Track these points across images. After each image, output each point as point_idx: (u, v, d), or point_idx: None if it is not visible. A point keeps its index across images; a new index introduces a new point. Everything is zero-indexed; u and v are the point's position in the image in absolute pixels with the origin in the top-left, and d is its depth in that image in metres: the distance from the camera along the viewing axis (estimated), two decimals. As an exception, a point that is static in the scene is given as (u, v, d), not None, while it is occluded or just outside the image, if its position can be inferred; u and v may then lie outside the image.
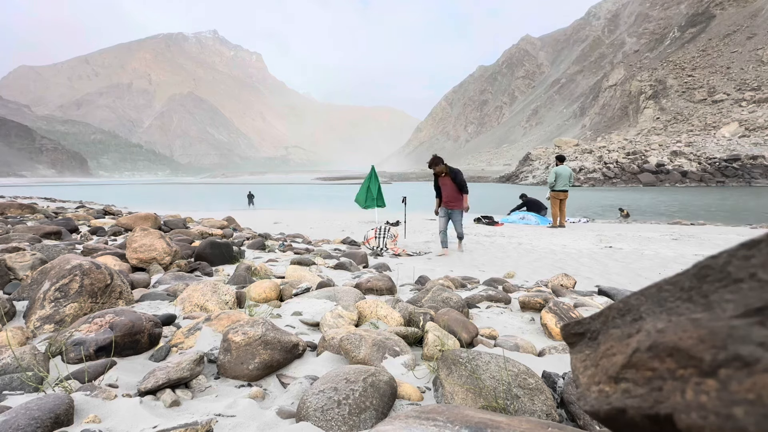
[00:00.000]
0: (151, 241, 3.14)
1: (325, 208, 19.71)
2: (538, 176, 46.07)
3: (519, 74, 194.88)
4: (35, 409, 1.01)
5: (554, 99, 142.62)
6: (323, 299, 2.34)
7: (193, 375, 1.32)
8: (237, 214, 10.81)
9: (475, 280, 3.76)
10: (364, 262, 4.59)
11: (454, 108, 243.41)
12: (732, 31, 77.99)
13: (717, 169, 37.73)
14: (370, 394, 1.15)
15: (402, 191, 19.29)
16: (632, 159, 41.88)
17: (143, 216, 5.53)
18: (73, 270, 1.88)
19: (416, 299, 2.44)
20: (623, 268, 5.11)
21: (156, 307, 2.15)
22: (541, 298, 2.44)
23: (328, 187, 52.17)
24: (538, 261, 5.70)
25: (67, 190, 39.84)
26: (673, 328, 0.44)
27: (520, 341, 1.82)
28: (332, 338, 1.62)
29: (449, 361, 1.30)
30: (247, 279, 2.88)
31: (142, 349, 1.58)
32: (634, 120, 72.98)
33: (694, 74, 71.85)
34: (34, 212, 6.92)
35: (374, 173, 12.26)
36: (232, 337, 1.46)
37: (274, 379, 1.44)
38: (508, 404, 1.14)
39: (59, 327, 1.72)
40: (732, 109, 58.39)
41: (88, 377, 1.31)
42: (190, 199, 29.79)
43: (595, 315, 0.62)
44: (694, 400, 0.38)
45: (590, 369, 0.56)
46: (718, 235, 8.00)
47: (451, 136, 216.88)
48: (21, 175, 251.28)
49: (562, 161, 9.96)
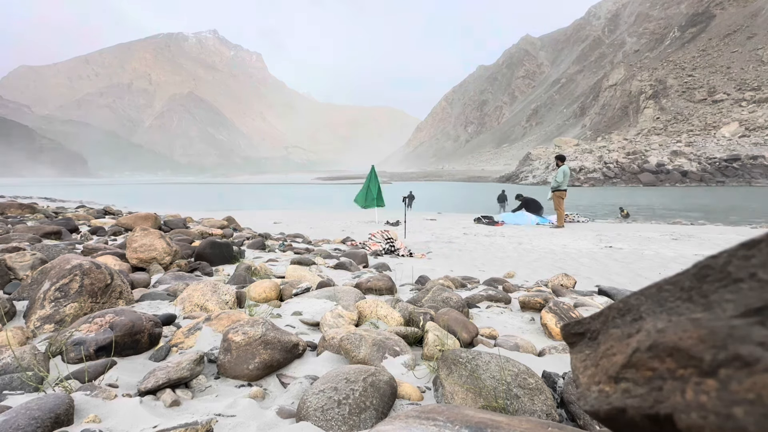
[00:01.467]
0: (151, 241, 3.14)
1: (325, 208, 19.72)
2: (539, 176, 46.07)
3: (519, 74, 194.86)
4: (35, 409, 1.01)
5: (554, 99, 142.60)
6: (323, 299, 2.34)
7: (193, 375, 1.32)
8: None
9: (475, 280, 3.76)
10: (364, 262, 4.59)
11: (454, 108, 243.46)
12: (732, 31, 77.99)
13: (717, 169, 37.75)
14: (370, 393, 1.15)
15: (402, 191, 19.31)
16: (632, 159, 41.91)
17: (143, 216, 5.53)
18: (73, 270, 1.88)
19: (416, 299, 2.44)
20: (623, 268, 5.11)
21: (156, 307, 2.15)
22: (541, 297, 2.44)
23: (328, 187, 52.21)
24: (538, 261, 5.70)
25: (67, 190, 39.85)
26: (673, 328, 0.44)
27: (520, 341, 1.82)
28: (332, 338, 1.62)
29: (449, 361, 1.30)
30: (247, 279, 2.87)
31: (143, 348, 1.58)
32: (634, 120, 72.96)
33: (694, 74, 71.84)
34: (34, 212, 6.92)
35: (374, 173, 12.27)
36: (232, 336, 1.46)
37: (274, 378, 1.44)
38: (508, 404, 1.15)
39: (59, 327, 1.72)
40: (732, 109, 58.37)
41: (88, 377, 1.31)
42: (190, 199, 29.80)
43: (595, 315, 0.62)
44: (694, 400, 0.38)
45: (590, 369, 0.56)
46: (718, 235, 8.01)
47: (451, 135, 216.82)
48: (21, 175, 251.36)
49: (563, 161, 10.09)
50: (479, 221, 10.90)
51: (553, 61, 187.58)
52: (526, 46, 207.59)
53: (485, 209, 14.08)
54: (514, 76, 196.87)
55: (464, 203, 22.77)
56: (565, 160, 10.21)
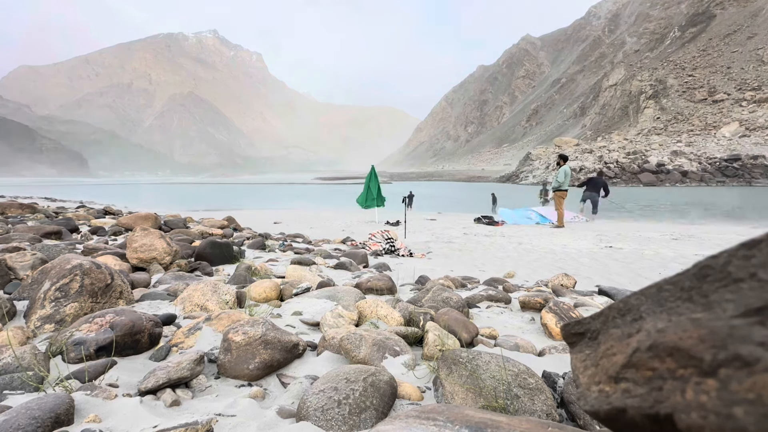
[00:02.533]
0: (151, 241, 3.14)
1: (325, 208, 19.70)
2: (539, 176, 46.06)
3: (519, 74, 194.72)
4: (36, 409, 1.01)
5: (554, 99, 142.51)
6: (323, 299, 2.34)
7: (194, 375, 1.32)
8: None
9: (475, 280, 3.76)
10: (364, 262, 4.59)
11: (454, 108, 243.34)
12: (732, 31, 77.93)
13: (717, 169, 37.73)
14: (371, 393, 1.15)
15: (402, 191, 19.29)
16: (632, 159, 41.90)
17: (143, 216, 5.53)
18: (74, 270, 1.88)
19: (416, 299, 2.44)
20: (623, 267, 5.10)
21: (156, 307, 2.15)
22: (541, 297, 2.44)
23: (328, 187, 52.18)
24: (538, 261, 5.70)
25: (67, 190, 39.85)
26: (674, 328, 0.44)
27: (520, 341, 1.82)
28: (332, 338, 1.62)
29: (449, 361, 1.30)
30: (247, 279, 2.88)
31: (143, 348, 1.58)
32: (634, 120, 72.90)
33: (694, 74, 71.79)
34: (34, 212, 6.93)
35: (374, 173, 12.27)
36: (233, 336, 1.47)
37: (274, 378, 1.45)
38: (508, 404, 1.15)
39: (60, 327, 1.72)
40: (732, 108, 58.32)
41: (88, 377, 1.31)
42: (190, 199, 29.78)
43: (595, 315, 0.62)
44: (694, 400, 0.38)
45: (590, 369, 0.56)
46: (719, 235, 8.00)
47: (451, 135, 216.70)
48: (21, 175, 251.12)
49: (566, 161, 10.14)
50: (479, 221, 10.91)
51: (554, 61, 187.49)
52: (526, 46, 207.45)
53: (485, 209, 14.09)
54: (515, 76, 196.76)
55: (464, 203, 22.78)
56: (568, 159, 10.25)
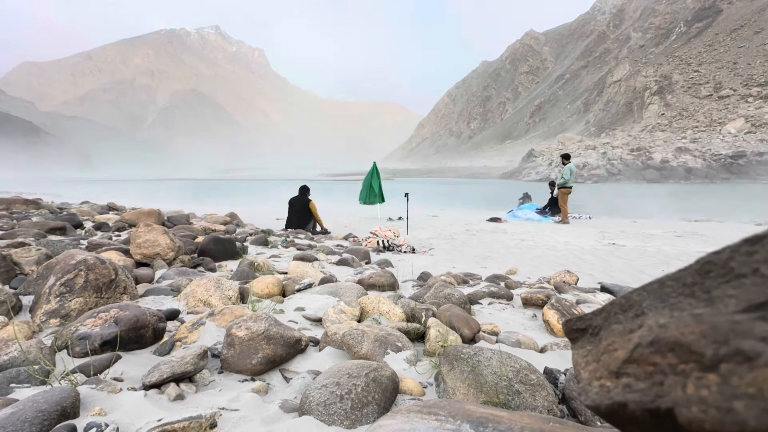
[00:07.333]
0: (154, 237, 3.16)
1: (327, 204, 19.71)
2: (542, 173, 45.83)
3: (522, 70, 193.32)
4: (42, 402, 1.02)
5: (558, 95, 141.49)
6: (326, 295, 2.35)
7: (197, 369, 1.33)
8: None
9: (477, 277, 3.76)
10: (366, 258, 4.60)
11: (456, 104, 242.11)
12: (739, 26, 76.97)
13: (722, 165, 37.45)
14: (372, 389, 1.16)
15: (403, 188, 19.28)
16: (636, 155, 41.63)
17: (147, 212, 5.56)
18: (78, 265, 1.89)
19: (418, 295, 2.45)
20: (626, 265, 5.09)
21: (160, 302, 2.17)
22: (543, 294, 2.44)
23: (330, 183, 52.18)
24: (540, 258, 5.69)
25: (71, 186, 40.04)
26: (675, 324, 0.44)
27: (521, 337, 1.83)
28: (335, 333, 1.63)
29: (451, 357, 1.30)
30: (250, 274, 2.89)
31: (147, 343, 1.59)
32: (638, 116, 72.32)
33: (700, 70, 71.05)
34: (38, 208, 6.97)
35: (376, 169, 12.26)
36: (236, 332, 1.48)
37: (277, 373, 1.46)
38: (509, 400, 1.15)
39: (65, 321, 1.74)
40: (738, 104, 57.73)
41: (93, 371, 1.32)
42: (193, 195, 29.86)
43: (597, 311, 0.62)
44: (695, 395, 0.38)
45: (592, 364, 0.57)
46: (722, 232, 7.96)
47: (453, 132, 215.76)
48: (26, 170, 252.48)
49: (569, 159, 10.19)
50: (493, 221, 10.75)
51: (557, 57, 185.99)
52: (529, 42, 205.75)
53: (488, 205, 14.05)
54: (518, 72, 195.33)
55: (466, 200, 22.74)
56: (570, 158, 10.33)
